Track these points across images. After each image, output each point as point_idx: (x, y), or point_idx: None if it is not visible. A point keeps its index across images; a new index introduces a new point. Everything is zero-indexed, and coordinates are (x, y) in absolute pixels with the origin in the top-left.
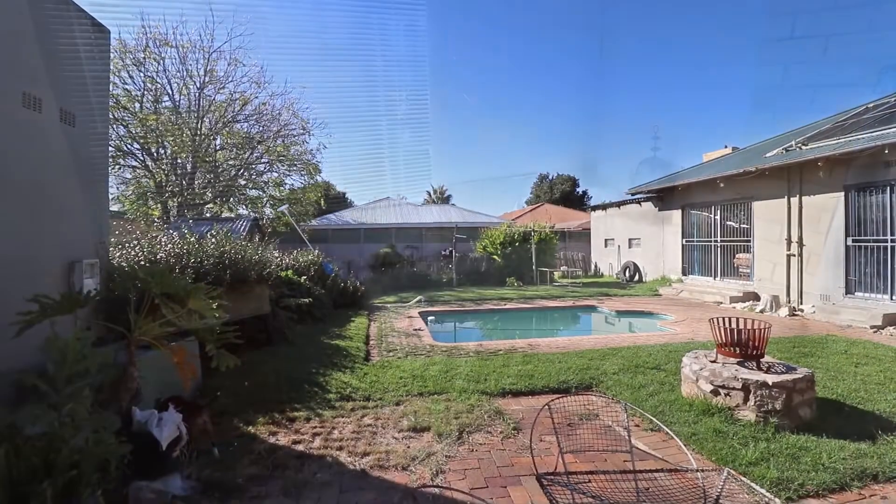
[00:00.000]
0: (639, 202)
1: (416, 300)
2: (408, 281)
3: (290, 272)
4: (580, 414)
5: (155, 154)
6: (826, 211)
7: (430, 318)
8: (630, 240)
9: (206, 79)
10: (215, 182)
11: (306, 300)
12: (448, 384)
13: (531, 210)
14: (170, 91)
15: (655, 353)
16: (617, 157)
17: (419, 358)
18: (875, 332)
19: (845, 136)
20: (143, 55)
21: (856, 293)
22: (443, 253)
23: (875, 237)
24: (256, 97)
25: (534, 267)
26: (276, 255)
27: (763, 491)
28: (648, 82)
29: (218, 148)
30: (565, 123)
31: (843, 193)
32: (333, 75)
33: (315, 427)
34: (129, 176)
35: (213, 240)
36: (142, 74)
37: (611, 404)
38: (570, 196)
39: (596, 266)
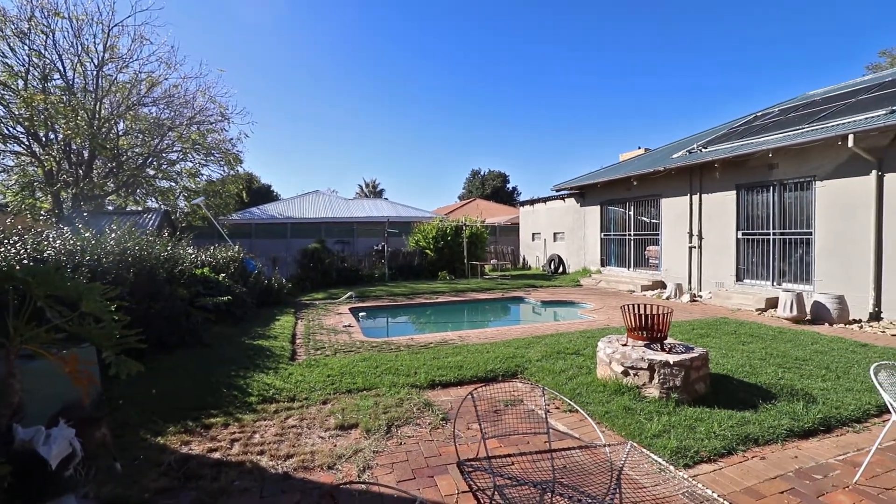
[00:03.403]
0: (563, 198)
1: (346, 296)
2: (338, 277)
3: (206, 270)
4: (506, 401)
5: (43, 139)
6: (721, 207)
7: (361, 314)
8: (555, 234)
9: (106, 56)
10: (118, 171)
11: (224, 299)
12: (378, 379)
13: (463, 205)
14: (61, 68)
15: (575, 340)
16: (546, 154)
17: (349, 355)
18: (759, 314)
19: (738, 141)
20: (27, 25)
21: (744, 280)
22: (375, 248)
23: (760, 231)
24: (167, 79)
25: (465, 261)
26: (191, 251)
27: (660, 460)
28: (577, 83)
29: (121, 133)
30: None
31: (735, 192)
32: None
33: (234, 433)
34: (12, 163)
35: (114, 235)
36: (26, 48)
37: (534, 389)
38: (501, 192)
39: (524, 259)
